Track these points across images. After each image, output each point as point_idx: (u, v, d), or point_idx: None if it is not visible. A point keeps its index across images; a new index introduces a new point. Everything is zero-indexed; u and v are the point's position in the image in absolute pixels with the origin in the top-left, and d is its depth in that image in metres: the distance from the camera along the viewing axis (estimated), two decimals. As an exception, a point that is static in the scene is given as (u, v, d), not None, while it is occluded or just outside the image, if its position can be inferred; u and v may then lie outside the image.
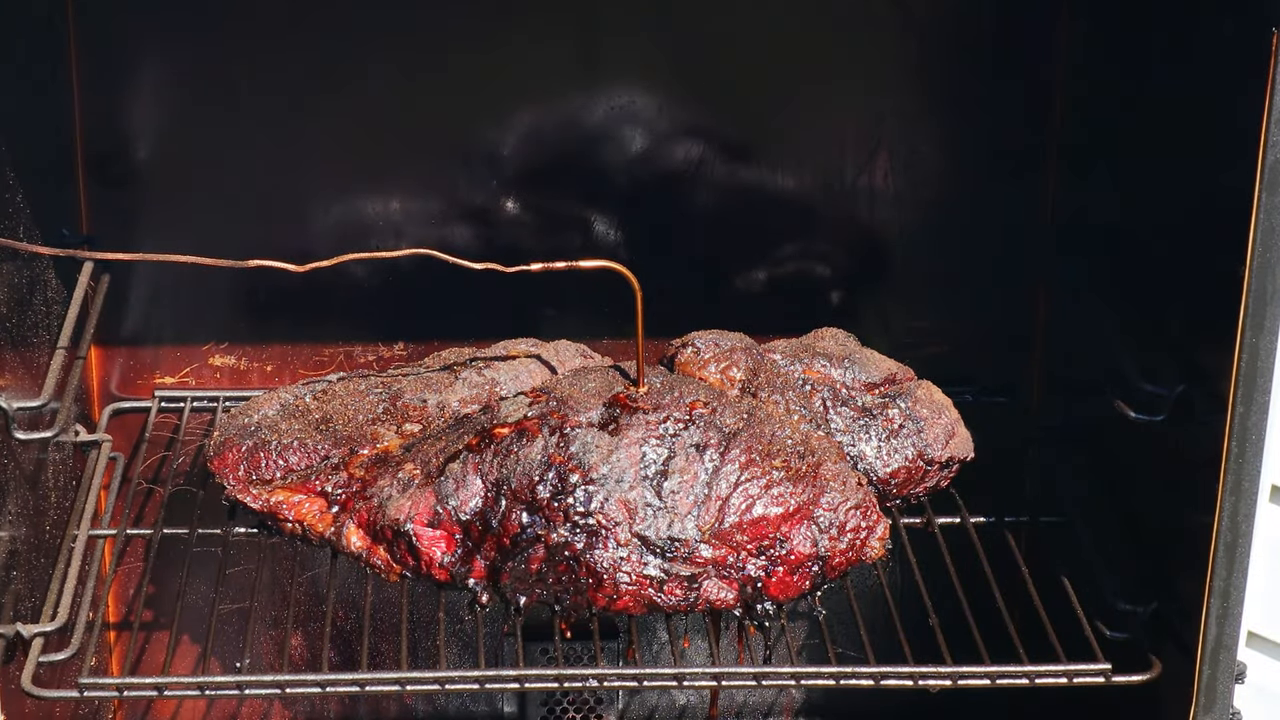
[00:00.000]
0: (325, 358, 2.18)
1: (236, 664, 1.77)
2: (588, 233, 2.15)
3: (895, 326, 2.20)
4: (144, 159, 2.07)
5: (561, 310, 2.14)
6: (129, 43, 2.03)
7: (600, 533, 1.71)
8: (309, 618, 2.26)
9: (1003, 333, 2.20)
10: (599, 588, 1.72)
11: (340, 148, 2.10)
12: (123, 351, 2.15)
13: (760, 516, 1.73)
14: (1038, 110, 2.13)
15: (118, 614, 2.23)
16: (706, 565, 1.72)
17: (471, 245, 2.12)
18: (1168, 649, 1.75)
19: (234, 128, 2.07)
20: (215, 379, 2.17)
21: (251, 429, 1.85)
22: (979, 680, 1.72)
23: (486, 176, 2.12)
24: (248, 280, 2.08)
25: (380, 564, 1.78)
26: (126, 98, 2.05)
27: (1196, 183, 1.77)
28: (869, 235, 2.19)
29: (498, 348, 1.92)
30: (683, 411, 1.76)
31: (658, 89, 2.10)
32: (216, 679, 1.69)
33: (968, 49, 2.13)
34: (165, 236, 2.06)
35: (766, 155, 2.15)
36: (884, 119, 2.14)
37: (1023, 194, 2.16)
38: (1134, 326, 1.91)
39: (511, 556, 1.72)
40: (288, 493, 1.81)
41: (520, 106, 2.09)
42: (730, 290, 2.18)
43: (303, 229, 2.12)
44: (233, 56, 2.05)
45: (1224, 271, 1.64)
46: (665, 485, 1.72)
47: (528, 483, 1.71)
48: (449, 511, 1.74)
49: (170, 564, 2.10)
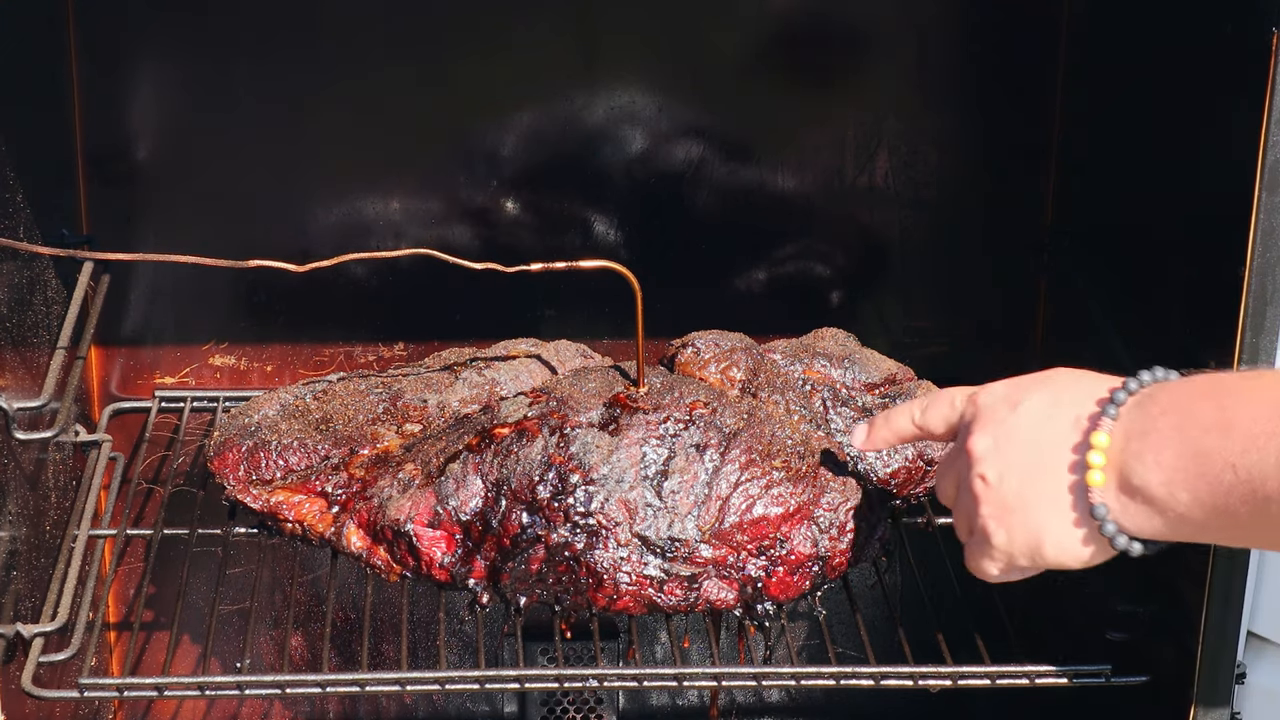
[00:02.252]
0: (325, 358, 2.18)
1: (237, 664, 1.77)
2: (588, 233, 2.15)
3: (895, 326, 2.20)
4: (144, 159, 2.07)
5: (562, 310, 2.14)
6: (129, 43, 2.03)
7: (600, 533, 1.70)
8: (309, 618, 2.26)
9: (1002, 332, 2.20)
10: (599, 588, 1.71)
11: (340, 148, 2.10)
12: (123, 351, 2.15)
13: (760, 516, 1.72)
14: (1038, 109, 2.13)
15: (118, 614, 2.22)
16: (707, 565, 1.72)
17: (471, 245, 2.12)
18: (1168, 649, 1.75)
19: (234, 127, 2.07)
20: (215, 379, 2.17)
21: (251, 429, 1.85)
22: (979, 680, 1.72)
23: (486, 176, 2.12)
24: (248, 280, 2.09)
25: (380, 564, 1.77)
26: (127, 97, 2.05)
27: (1197, 183, 1.76)
28: (869, 235, 2.19)
29: (498, 348, 1.92)
30: (683, 412, 1.75)
31: (657, 89, 2.10)
32: (216, 679, 1.68)
33: (968, 48, 2.13)
34: (165, 236, 2.07)
35: (766, 155, 2.14)
36: (884, 119, 2.14)
37: (1023, 193, 2.16)
38: (1134, 327, 1.91)
39: (512, 557, 1.72)
40: (288, 493, 1.81)
41: (520, 106, 2.09)
42: (730, 290, 2.18)
43: (303, 229, 2.11)
44: (233, 56, 2.05)
45: (1224, 272, 1.63)
46: (665, 485, 1.72)
47: (528, 483, 1.71)
48: (449, 512, 1.73)
49: (170, 564, 2.10)
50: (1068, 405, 1.41)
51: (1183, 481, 1.32)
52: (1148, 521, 1.36)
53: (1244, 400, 1.29)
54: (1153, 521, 1.36)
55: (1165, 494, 1.33)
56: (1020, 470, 1.43)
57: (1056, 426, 1.41)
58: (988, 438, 1.46)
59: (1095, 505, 1.38)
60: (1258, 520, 1.28)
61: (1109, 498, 1.38)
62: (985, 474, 1.45)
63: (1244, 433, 1.27)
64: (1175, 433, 1.32)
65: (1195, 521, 1.33)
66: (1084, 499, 1.39)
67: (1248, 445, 1.27)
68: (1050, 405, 1.43)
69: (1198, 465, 1.30)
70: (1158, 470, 1.33)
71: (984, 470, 1.45)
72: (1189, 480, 1.31)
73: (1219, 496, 1.29)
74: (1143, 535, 1.38)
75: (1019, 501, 1.43)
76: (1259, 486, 1.26)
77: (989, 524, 1.45)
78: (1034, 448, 1.42)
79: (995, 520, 1.45)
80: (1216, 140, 1.69)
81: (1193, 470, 1.31)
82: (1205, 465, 1.30)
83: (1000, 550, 1.46)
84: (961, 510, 1.51)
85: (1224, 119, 1.66)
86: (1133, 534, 1.38)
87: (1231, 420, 1.28)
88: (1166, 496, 1.33)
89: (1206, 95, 1.72)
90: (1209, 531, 1.34)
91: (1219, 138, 1.68)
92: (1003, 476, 1.44)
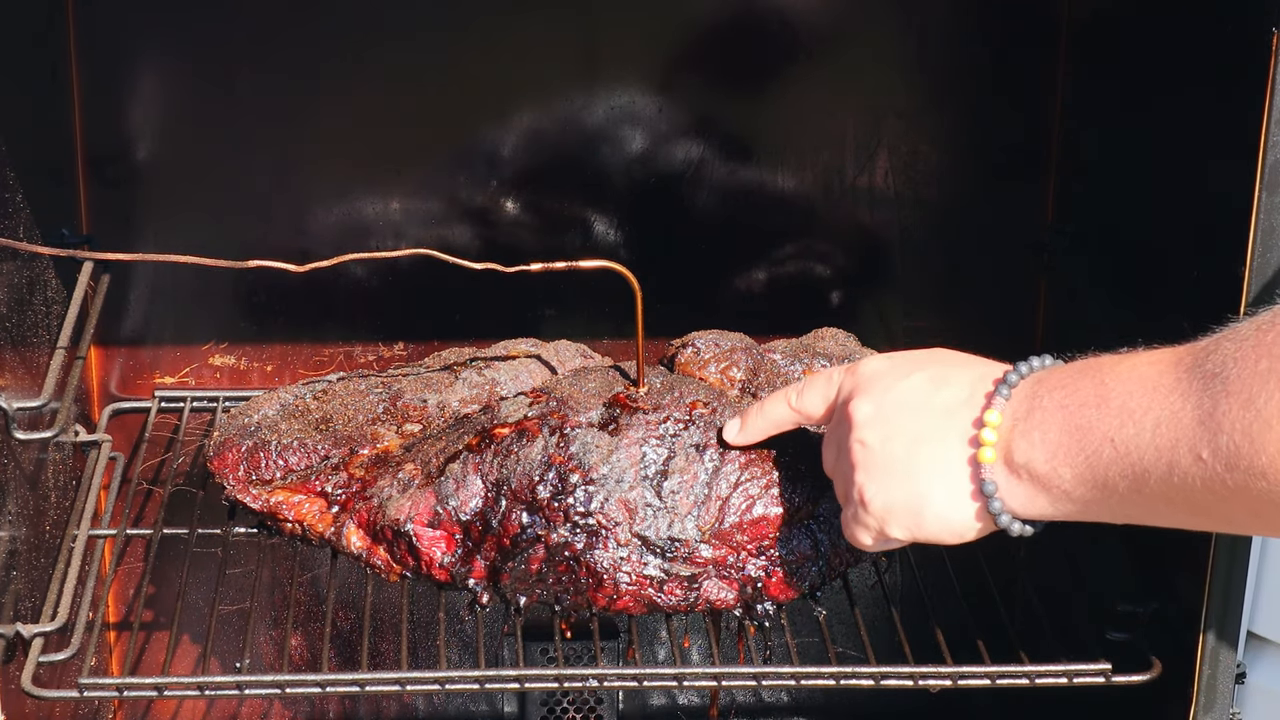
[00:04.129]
0: (325, 358, 2.18)
1: (236, 664, 1.76)
2: (588, 233, 2.15)
3: (895, 327, 2.20)
4: (144, 159, 2.07)
5: (562, 310, 2.14)
6: (130, 42, 2.03)
7: (600, 533, 1.70)
8: (309, 618, 2.26)
9: (1003, 333, 2.19)
10: (599, 588, 1.71)
11: (340, 148, 2.09)
12: (123, 351, 2.15)
13: (760, 516, 1.71)
14: (1039, 109, 2.12)
15: (118, 614, 2.22)
16: (707, 565, 1.71)
17: (471, 245, 2.12)
18: (1168, 649, 1.74)
19: (234, 127, 2.07)
20: (215, 379, 2.16)
21: (251, 429, 1.85)
22: (979, 680, 1.71)
23: (486, 176, 2.11)
24: (247, 280, 2.09)
25: (380, 564, 1.77)
26: (127, 97, 2.04)
27: (1197, 182, 1.76)
28: (869, 235, 2.19)
29: (498, 348, 1.91)
30: (683, 411, 1.74)
31: (657, 89, 2.10)
32: (216, 679, 1.67)
33: (969, 47, 2.13)
34: (165, 236, 2.06)
35: (766, 155, 2.14)
36: (884, 118, 2.13)
37: (1023, 193, 2.16)
38: (1135, 327, 1.84)
39: (512, 557, 1.72)
40: (288, 493, 1.80)
41: (520, 106, 2.09)
42: (730, 290, 2.18)
43: (303, 229, 2.11)
44: (233, 56, 2.05)
45: (1224, 272, 1.63)
46: (665, 485, 1.71)
47: (528, 483, 1.71)
48: (449, 512, 1.73)
49: (170, 564, 2.10)
50: (961, 382, 1.44)
51: (1065, 458, 1.34)
52: (1031, 501, 1.39)
53: (1120, 376, 1.31)
54: (1036, 501, 1.39)
55: (1048, 470, 1.36)
56: (907, 437, 1.45)
57: (947, 400, 1.44)
58: (870, 404, 1.48)
59: (985, 481, 1.40)
60: (1137, 495, 1.30)
61: (997, 475, 1.40)
62: (865, 439, 1.47)
63: (1119, 406, 1.30)
64: (1059, 410, 1.35)
65: (1078, 498, 1.35)
66: (975, 474, 1.41)
67: (1124, 419, 1.29)
68: (940, 379, 1.45)
69: (1078, 440, 1.33)
70: (1043, 447, 1.35)
71: (864, 435, 1.47)
72: (1070, 456, 1.33)
73: (1098, 471, 1.32)
74: (1026, 514, 1.40)
75: (902, 467, 1.45)
76: (1136, 460, 1.28)
77: (866, 488, 1.47)
78: (924, 416, 1.44)
79: (875, 484, 1.47)
80: (1217, 140, 1.69)
81: (1073, 446, 1.33)
82: (1085, 439, 1.32)
83: (875, 516, 1.48)
84: (840, 475, 1.53)
85: (1224, 119, 1.66)
86: (1016, 513, 1.41)
87: (1108, 394, 1.31)
88: (1050, 473, 1.36)
89: (1207, 95, 1.72)
90: (1092, 509, 1.36)
91: (1219, 137, 1.68)
92: (886, 440, 1.46)
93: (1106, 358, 1.36)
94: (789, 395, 1.62)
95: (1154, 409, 1.27)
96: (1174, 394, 1.26)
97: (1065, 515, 1.39)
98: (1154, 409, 1.27)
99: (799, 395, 1.60)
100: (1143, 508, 1.32)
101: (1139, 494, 1.30)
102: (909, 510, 1.46)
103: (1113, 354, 1.36)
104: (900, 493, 1.46)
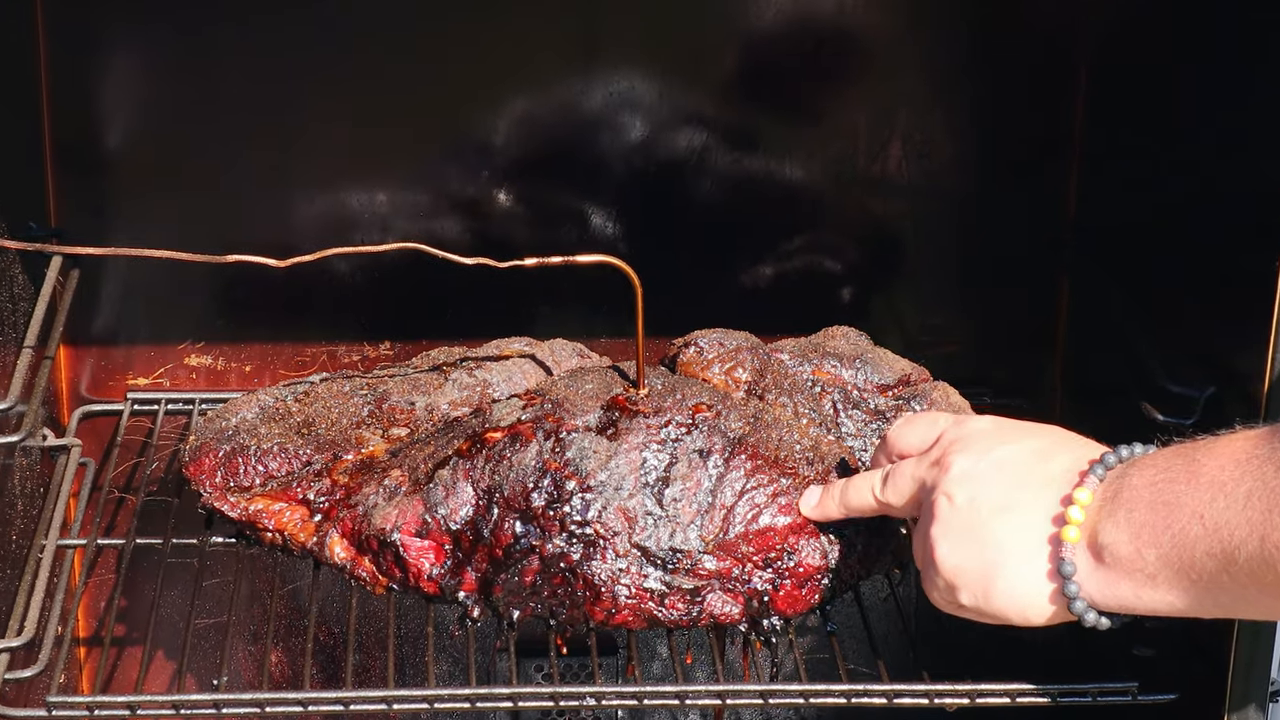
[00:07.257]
0: (307, 358, 2.18)
1: (213, 681, 1.84)
2: (585, 226, 2.15)
3: (909, 325, 2.20)
4: (116, 146, 2.06)
5: (557, 308, 2.13)
6: (101, 21, 2.02)
7: (598, 543, 1.69)
8: (290, 632, 2.26)
9: (1022, 331, 2.20)
10: (597, 601, 1.70)
11: (324, 135, 2.09)
12: (93, 351, 2.15)
13: (767, 526, 1.70)
14: (1059, 99, 2.13)
15: (88, 628, 2.22)
16: (710, 578, 1.70)
17: (462, 239, 2.12)
18: (1197, 666, 1.74)
19: (212, 114, 2.06)
20: (191, 380, 2.17)
21: (229, 433, 1.84)
22: (998, 699, 1.70)
23: (478, 166, 2.11)
24: (226, 276, 2.03)
25: (365, 576, 1.76)
26: (98, 81, 2.04)
27: (1225, 177, 1.76)
28: (882, 228, 2.19)
29: (490, 347, 1.91)
30: (685, 415, 1.74)
31: (658, 73, 2.09)
32: (192, 697, 1.66)
33: (986, 32, 2.12)
34: (139, 229, 2.05)
35: (773, 143, 2.14)
36: (898, 106, 2.13)
37: (1043, 186, 2.16)
38: (1160, 326, 1.91)
39: (504, 568, 1.70)
40: (267, 500, 1.80)
41: (514, 91, 2.09)
42: (735, 286, 2.18)
43: (284, 222, 2.11)
44: (213, 39, 2.04)
45: (1255, 268, 1.63)
46: (667, 493, 1.70)
47: (521, 490, 1.70)
48: (438, 521, 1.72)
49: (143, 576, 2.07)
50: (1060, 457, 1.45)
51: (1150, 537, 1.34)
52: (1110, 587, 1.39)
53: (1213, 453, 1.32)
54: (1117, 588, 1.39)
55: (1132, 551, 1.36)
56: (995, 502, 1.45)
57: (1043, 475, 1.44)
58: (970, 459, 1.48)
59: (1064, 561, 1.40)
60: (1225, 576, 1.30)
61: (1079, 557, 1.40)
62: (952, 493, 1.47)
63: (1210, 480, 1.30)
64: (1148, 488, 1.36)
65: (1161, 583, 1.35)
66: (1055, 552, 1.42)
67: (1215, 492, 1.30)
68: (1045, 453, 1.46)
69: (1165, 518, 1.33)
70: (1128, 526, 1.36)
71: (952, 490, 1.47)
72: (1155, 535, 1.34)
73: (1185, 551, 1.32)
74: (1104, 603, 1.41)
75: (981, 532, 1.45)
76: (1226, 536, 1.28)
77: (939, 545, 1.47)
78: (1016, 486, 1.45)
79: (948, 543, 1.47)
80: (1247, 134, 1.69)
81: (1159, 524, 1.34)
82: (1173, 516, 1.33)
83: (943, 577, 1.48)
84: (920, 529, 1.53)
85: (1254, 110, 1.66)
86: (1094, 599, 1.41)
87: (1198, 470, 1.32)
88: (1133, 555, 1.36)
89: (1234, 87, 1.72)
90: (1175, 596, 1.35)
91: (1248, 129, 1.68)
92: (972, 500, 1.46)
93: (1202, 439, 1.37)
94: (874, 482, 1.61)
95: (1246, 480, 1.28)
96: (1269, 464, 1.26)
97: (1147, 607, 1.39)
98: (1246, 480, 1.28)
99: (884, 483, 1.59)
100: (1231, 593, 1.31)
101: (1227, 574, 1.30)
102: (979, 577, 1.46)
103: (1208, 435, 1.37)
104: (973, 558, 1.46)
